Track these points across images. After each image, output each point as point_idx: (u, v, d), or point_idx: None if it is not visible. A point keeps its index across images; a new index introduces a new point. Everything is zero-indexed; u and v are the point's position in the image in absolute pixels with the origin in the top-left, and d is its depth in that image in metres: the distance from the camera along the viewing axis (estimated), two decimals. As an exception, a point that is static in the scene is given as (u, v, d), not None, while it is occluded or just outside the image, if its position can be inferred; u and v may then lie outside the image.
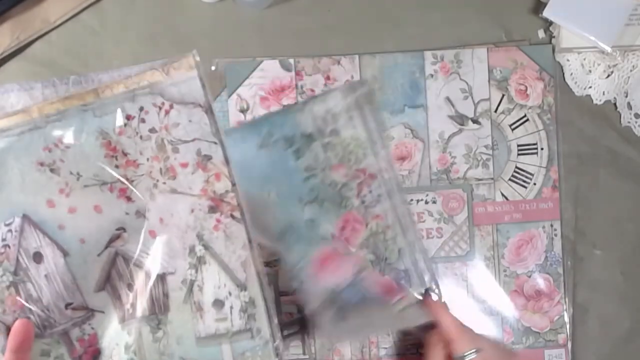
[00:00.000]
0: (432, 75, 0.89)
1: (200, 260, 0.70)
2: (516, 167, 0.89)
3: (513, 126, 0.89)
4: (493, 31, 0.90)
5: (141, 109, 0.69)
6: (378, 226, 0.79)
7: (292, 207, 0.80)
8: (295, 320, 0.87)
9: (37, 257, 0.67)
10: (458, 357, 0.73)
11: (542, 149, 0.89)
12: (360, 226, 0.79)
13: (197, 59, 0.69)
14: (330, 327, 0.79)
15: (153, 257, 0.69)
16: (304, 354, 0.88)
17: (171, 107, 0.69)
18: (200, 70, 0.68)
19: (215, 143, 0.70)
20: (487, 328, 0.88)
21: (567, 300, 0.89)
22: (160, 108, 0.69)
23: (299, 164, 0.79)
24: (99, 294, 0.68)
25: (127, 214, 0.68)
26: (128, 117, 0.69)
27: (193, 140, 0.70)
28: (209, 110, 0.69)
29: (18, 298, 0.67)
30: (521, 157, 0.89)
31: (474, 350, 0.73)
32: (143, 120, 0.69)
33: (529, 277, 0.89)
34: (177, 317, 0.69)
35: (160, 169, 0.69)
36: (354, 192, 0.79)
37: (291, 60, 0.88)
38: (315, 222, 0.79)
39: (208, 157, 0.70)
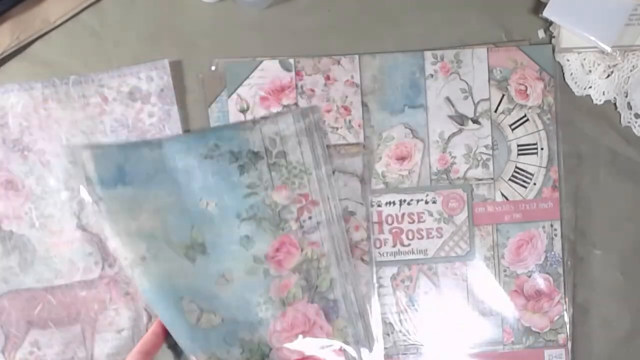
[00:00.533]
0: (432, 75, 0.88)
1: None
2: (516, 167, 0.89)
3: (513, 126, 0.89)
4: (493, 31, 0.90)
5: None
6: (313, 253, 0.82)
7: (229, 221, 0.81)
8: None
9: None
10: None
11: (542, 149, 0.89)
12: (296, 250, 0.82)
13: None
14: None
15: None
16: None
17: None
18: (365, 158, 0.83)
19: (361, 204, 0.83)
20: (487, 328, 0.89)
21: (567, 300, 0.89)
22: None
23: (242, 179, 0.81)
24: None
25: None
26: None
27: (344, 199, 0.85)
28: (363, 181, 0.82)
29: None
30: (521, 157, 0.89)
31: None
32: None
33: (529, 277, 0.89)
34: None
35: None
36: (294, 215, 0.82)
37: (291, 60, 0.88)
38: (250, 239, 0.81)
39: (352, 213, 0.85)
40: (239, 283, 0.81)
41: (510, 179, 0.89)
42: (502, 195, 0.89)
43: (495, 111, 0.89)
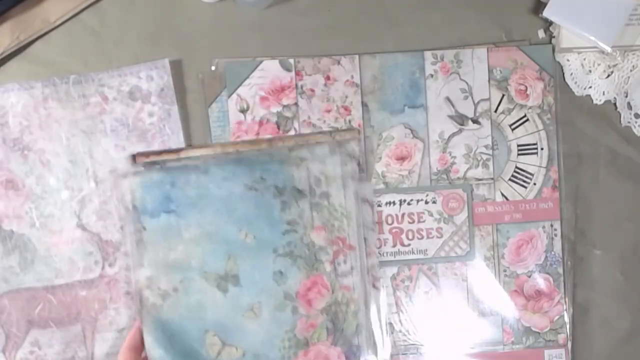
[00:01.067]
0: (432, 75, 0.88)
1: None
2: (516, 167, 0.89)
3: (513, 126, 0.89)
4: (493, 31, 0.90)
5: None
6: (344, 297, 0.82)
7: (265, 254, 0.81)
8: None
9: None
10: None
11: (542, 149, 0.89)
12: (326, 292, 0.81)
13: (360, 137, 0.82)
14: None
15: None
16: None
17: None
18: (360, 141, 0.83)
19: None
20: (487, 328, 0.89)
21: (567, 300, 0.89)
22: None
23: (283, 215, 0.81)
24: None
25: None
26: None
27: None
28: (360, 163, 0.82)
29: None
30: (521, 157, 0.89)
31: None
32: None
33: (529, 277, 0.89)
34: None
35: None
36: (329, 257, 0.82)
37: (291, 60, 0.88)
38: (283, 275, 0.81)
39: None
40: (266, 318, 0.81)
41: (510, 179, 0.89)
42: (502, 195, 0.89)
43: (495, 111, 0.89)
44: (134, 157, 0.83)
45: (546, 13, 0.88)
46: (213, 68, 0.87)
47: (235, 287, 0.80)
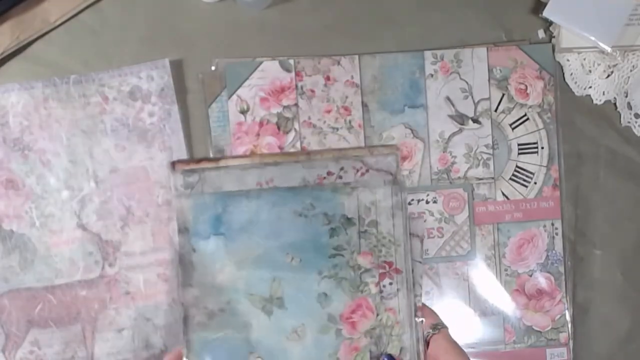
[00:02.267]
0: (432, 75, 0.89)
1: None
2: (517, 166, 0.89)
3: (513, 125, 0.89)
4: (493, 31, 0.90)
5: (342, 168, 0.80)
6: (389, 319, 0.80)
7: (310, 276, 0.80)
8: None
9: None
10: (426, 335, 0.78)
11: (542, 147, 0.89)
12: (371, 314, 0.80)
13: (398, 153, 0.79)
14: None
15: None
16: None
17: (367, 170, 0.80)
18: (398, 154, 0.79)
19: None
20: (488, 327, 0.88)
21: (568, 299, 0.89)
22: (357, 170, 0.80)
23: (331, 241, 0.80)
24: None
25: None
26: (328, 173, 0.80)
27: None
28: (395, 180, 0.79)
29: None
30: (522, 156, 0.89)
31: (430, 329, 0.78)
32: (340, 177, 0.80)
33: (530, 276, 0.89)
34: None
35: None
36: (375, 280, 0.80)
37: (291, 61, 0.88)
38: (328, 297, 0.80)
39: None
40: (310, 340, 0.79)
41: (510, 178, 0.89)
42: (503, 194, 0.89)
43: (496, 110, 0.89)
44: (173, 165, 0.82)
45: (546, 13, 0.88)
46: (213, 68, 0.87)
47: (280, 309, 0.79)
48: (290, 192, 0.82)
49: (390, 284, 0.80)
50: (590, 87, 0.90)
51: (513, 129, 0.89)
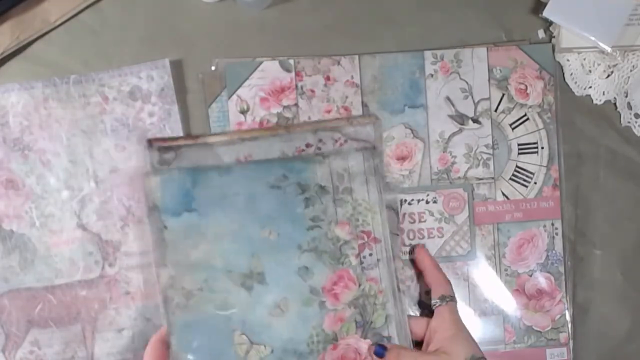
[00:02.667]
0: (432, 75, 0.89)
1: None
2: (517, 166, 0.89)
3: (513, 125, 0.89)
4: (493, 31, 0.90)
5: (320, 140, 0.82)
6: (371, 289, 0.81)
7: (290, 251, 0.80)
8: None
9: None
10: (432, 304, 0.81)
11: (542, 147, 0.89)
12: (353, 285, 0.81)
13: (379, 120, 0.82)
14: None
15: None
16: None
17: (345, 141, 0.82)
18: (378, 124, 0.82)
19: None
20: (488, 327, 0.88)
21: (568, 299, 0.89)
22: (336, 141, 0.82)
23: (306, 212, 0.81)
24: None
25: None
26: (307, 145, 0.82)
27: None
28: (375, 149, 0.82)
29: None
30: (522, 156, 0.89)
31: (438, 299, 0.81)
32: (319, 149, 0.83)
33: (530, 276, 0.89)
34: None
35: None
36: (355, 251, 0.81)
37: (291, 61, 0.88)
38: (309, 270, 0.80)
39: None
40: (293, 314, 0.80)
41: (510, 178, 0.89)
42: (503, 194, 0.89)
43: (496, 110, 0.89)
44: (150, 142, 0.83)
45: (546, 13, 0.88)
46: (213, 68, 0.87)
47: (261, 284, 0.80)
48: (262, 165, 0.82)
49: (370, 254, 0.81)
50: (590, 87, 0.90)
51: (513, 129, 0.89)
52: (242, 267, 0.80)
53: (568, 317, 0.89)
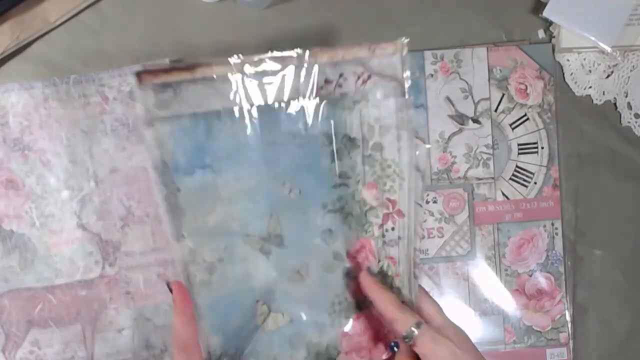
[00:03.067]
0: (432, 75, 0.89)
1: None
2: (517, 166, 0.89)
3: (513, 125, 0.89)
4: (493, 31, 0.90)
5: (341, 75, 0.69)
6: (389, 268, 0.72)
7: (313, 211, 0.71)
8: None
9: None
10: (405, 336, 0.65)
11: (542, 147, 0.89)
12: (373, 259, 0.71)
13: (405, 42, 0.70)
14: None
15: None
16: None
17: (369, 77, 0.70)
18: (404, 52, 0.70)
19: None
20: (488, 327, 0.89)
21: (568, 299, 0.89)
22: (358, 77, 0.69)
23: (333, 166, 0.70)
24: None
25: None
26: (326, 81, 0.68)
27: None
28: (403, 85, 0.70)
29: None
30: (522, 156, 0.89)
31: (414, 325, 0.65)
32: (340, 86, 0.69)
33: (530, 276, 0.89)
34: None
35: None
36: (378, 221, 0.71)
37: (291, 61, 0.86)
38: (333, 233, 0.71)
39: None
40: (314, 280, 0.70)
41: (510, 178, 0.89)
42: (503, 194, 0.89)
43: (496, 110, 0.89)
44: (139, 77, 0.68)
45: (546, 13, 0.88)
46: (213, 68, 0.87)
47: (279, 248, 0.70)
48: (282, 111, 0.70)
49: (392, 229, 0.71)
50: (590, 87, 0.90)
51: (513, 129, 0.89)
52: (260, 229, 0.70)
53: (568, 317, 0.89)
